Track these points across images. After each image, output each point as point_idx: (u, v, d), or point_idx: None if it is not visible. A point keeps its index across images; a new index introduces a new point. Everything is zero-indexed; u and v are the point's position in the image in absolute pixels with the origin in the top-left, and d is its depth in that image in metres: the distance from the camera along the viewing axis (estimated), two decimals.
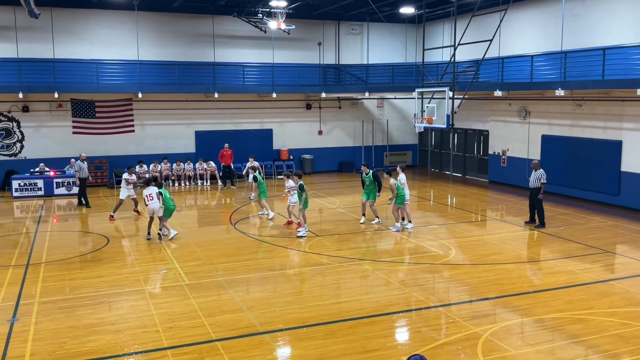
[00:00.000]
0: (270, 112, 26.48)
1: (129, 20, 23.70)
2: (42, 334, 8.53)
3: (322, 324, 8.88)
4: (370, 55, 27.68)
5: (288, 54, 26.18)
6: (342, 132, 27.99)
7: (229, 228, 16.02)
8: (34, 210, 18.81)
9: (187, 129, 25.20)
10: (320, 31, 27.00)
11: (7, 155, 22.85)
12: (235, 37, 25.51)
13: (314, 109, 27.37)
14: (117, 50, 23.66)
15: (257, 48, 25.76)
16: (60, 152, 22.94)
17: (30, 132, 23.02)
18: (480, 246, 13.76)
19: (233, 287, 10.70)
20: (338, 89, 26.90)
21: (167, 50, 24.40)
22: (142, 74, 23.35)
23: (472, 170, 25.75)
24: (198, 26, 24.96)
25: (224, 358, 7.69)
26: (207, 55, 25.00)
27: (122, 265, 12.29)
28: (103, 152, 23.76)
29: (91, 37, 23.40)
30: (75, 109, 22.89)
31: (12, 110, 22.76)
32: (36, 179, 21.16)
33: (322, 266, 12.09)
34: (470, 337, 8.35)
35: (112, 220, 16.80)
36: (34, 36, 22.45)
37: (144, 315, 9.30)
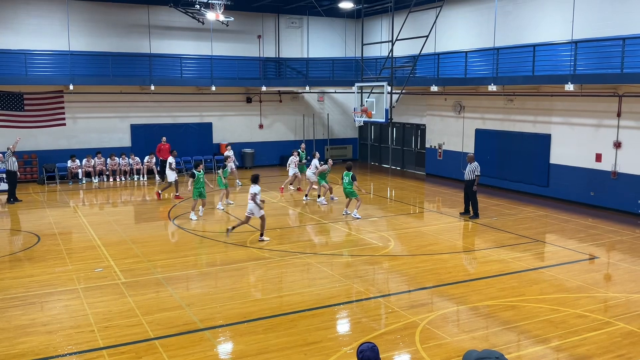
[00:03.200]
0: (209, 106, 26.07)
1: (59, 9, 22.69)
2: None
3: (264, 319, 8.87)
4: (310, 49, 27.71)
5: (227, 47, 25.83)
6: (283, 126, 27.93)
7: (167, 224, 15.71)
8: None
9: (122, 122, 24.45)
10: (260, 24, 26.79)
11: None
12: (172, 28, 24.93)
13: (255, 103, 27.15)
14: (47, 40, 22.62)
15: (195, 40, 25.27)
16: None
17: None
18: (417, 237, 14.09)
19: (172, 284, 10.50)
20: (278, 82, 26.80)
21: (100, 40, 23.54)
22: (74, 65, 22.43)
23: (410, 164, 26.30)
24: (133, 16, 24.21)
25: (163, 356, 7.55)
26: (142, 46, 24.30)
27: (54, 264, 11.82)
28: (33, 147, 22.70)
29: (19, 27, 22.27)
30: (2, 102, 21.77)
31: None
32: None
33: (263, 260, 12.05)
34: (408, 326, 8.55)
35: (159, 198, 18.75)
36: None
37: (78, 315, 8.99)
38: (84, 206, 18.41)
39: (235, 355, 7.74)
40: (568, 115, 18.27)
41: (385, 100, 18.41)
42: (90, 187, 21.74)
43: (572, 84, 16.25)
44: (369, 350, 4.00)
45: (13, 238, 14.22)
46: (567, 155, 18.30)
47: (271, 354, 7.67)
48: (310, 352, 7.71)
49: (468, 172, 16.05)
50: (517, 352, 7.76)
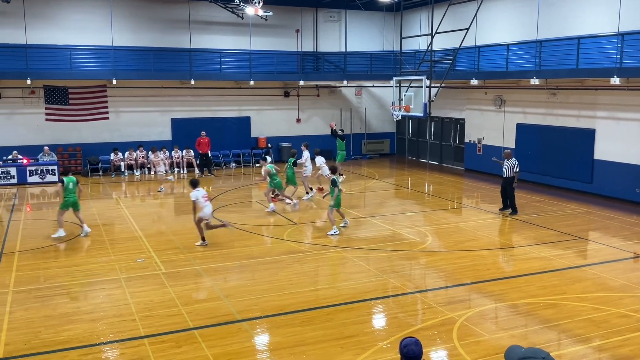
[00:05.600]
0: (247, 100, 26.30)
1: (103, 5, 23.25)
2: (16, 324, 8.43)
3: (300, 311, 8.93)
4: (348, 43, 27.62)
5: (266, 41, 25.99)
6: (321, 120, 27.96)
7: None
8: (7, 199, 18.47)
9: (163, 116, 24.91)
10: (298, 18, 26.83)
11: None
12: (212, 23, 25.22)
13: (292, 97, 27.27)
14: (91, 36, 23.21)
15: (234, 34, 25.51)
16: (34, 140, 22.50)
17: (2, 120, 22.53)
18: (456, 233, 13.93)
19: (211, 276, 10.67)
20: (316, 76, 26.82)
21: (142, 36, 24.02)
22: (117, 60, 22.96)
23: (448, 159, 25.98)
24: (174, 12, 24.60)
25: (202, 346, 7.69)
26: (183, 41, 24.67)
27: (97, 254, 12.16)
28: (77, 140, 23.38)
29: (64, 23, 22.91)
30: (48, 96, 22.41)
31: None
32: (9, 167, 20.75)
33: (300, 254, 12.12)
34: (445, 323, 8.48)
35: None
36: (5, 21, 21.90)
37: (120, 304, 9.23)
38: (126, 198, 18.85)
39: (273, 346, 7.83)
40: (613, 110, 17.72)
41: (424, 94, 18.23)
42: (132, 179, 22.25)
43: (618, 77, 15.76)
44: (413, 345, 3.99)
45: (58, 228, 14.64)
46: (612, 150, 17.77)
47: (307, 346, 7.72)
48: (346, 346, 7.73)
49: (506, 169, 15.72)
50: (557, 351, 7.60)
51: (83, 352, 7.55)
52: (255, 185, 20.53)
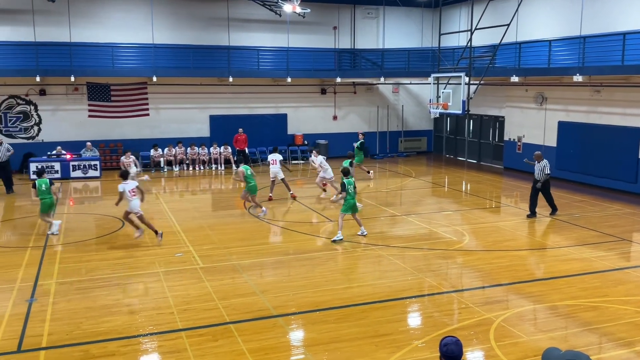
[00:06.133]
0: (285, 97, 26.43)
1: (144, 3, 23.72)
2: (59, 314, 8.68)
3: (335, 308, 8.94)
4: (386, 39, 27.44)
5: (303, 38, 26.05)
6: (357, 118, 27.89)
7: (243, 212, 16.10)
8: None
9: (201, 113, 25.26)
10: (336, 15, 26.81)
11: (25, 138, 23.11)
12: (250, 21, 25.42)
13: (329, 94, 27.27)
14: (133, 34, 23.71)
15: (272, 32, 25.65)
16: (77, 136, 23.14)
17: (47, 116, 23.25)
18: (493, 232, 13.70)
19: (247, 271, 10.78)
20: (353, 73, 26.76)
21: (181, 33, 24.40)
22: (157, 58, 23.39)
23: (487, 157, 25.56)
24: (213, 9, 24.90)
25: (238, 340, 7.78)
26: (221, 39, 24.96)
27: (137, 247, 12.42)
28: (118, 136, 23.93)
29: (107, 21, 23.47)
30: (91, 93, 23.02)
31: (29, 94, 22.98)
32: (53, 162, 21.39)
33: (335, 251, 12.13)
34: (482, 323, 8.35)
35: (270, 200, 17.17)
36: (50, 20, 22.56)
37: (159, 298, 9.41)
38: (165, 193, 19.19)
39: (308, 343, 7.86)
40: None
41: (462, 91, 17.97)
42: (171, 175, 22.65)
43: None
44: (454, 344, 3.96)
45: (100, 222, 15.03)
46: None
47: (342, 343, 7.72)
48: (381, 344, 7.70)
49: (538, 171, 14.86)
50: (598, 355, 7.41)
51: (122, 343, 7.73)
52: (292, 183, 20.60)
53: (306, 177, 22.33)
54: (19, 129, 23.03)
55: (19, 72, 21.74)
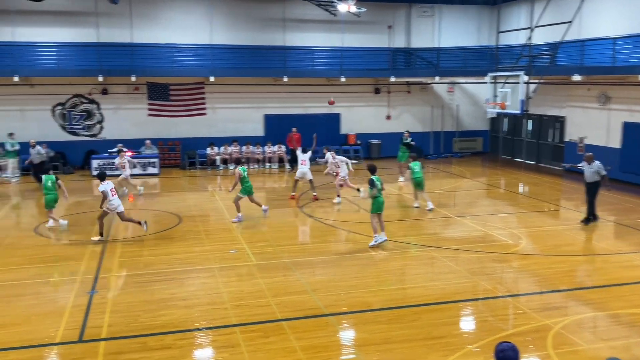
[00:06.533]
0: (338, 96, 26.38)
1: (203, 5, 24.27)
2: (118, 307, 8.99)
3: (387, 309, 8.88)
4: (441, 38, 27.03)
5: (357, 38, 26.00)
6: (411, 117, 27.60)
7: (296, 211, 16.22)
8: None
9: (256, 112, 25.61)
10: (391, 14, 26.63)
11: (87, 135, 24.07)
12: (305, 21, 25.58)
13: (383, 94, 27.12)
14: (192, 35, 24.29)
15: (326, 32, 25.73)
16: (137, 134, 23.89)
17: (109, 114, 24.12)
18: (552, 236, 13.27)
19: (298, 269, 10.85)
20: (407, 73, 26.51)
21: (238, 34, 24.81)
22: (215, 58, 23.88)
23: (546, 158, 24.77)
24: (269, 10, 25.21)
25: (289, 337, 7.84)
26: (277, 39, 25.22)
27: (193, 243, 12.72)
28: (176, 134, 24.56)
29: (167, 22, 24.13)
30: (151, 92, 23.70)
31: (92, 93, 23.90)
32: (114, 159, 22.14)
33: (387, 251, 12.05)
34: (539, 329, 8.11)
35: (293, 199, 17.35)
36: (113, 21, 23.39)
37: (213, 293, 9.61)
38: (221, 191, 19.54)
39: (359, 342, 7.84)
40: None
41: (521, 91, 17.51)
42: (226, 173, 23.06)
43: None
44: (511, 350, 3.87)
45: (158, 218, 15.46)
46: None
47: (394, 344, 7.67)
48: (433, 347, 7.60)
49: (591, 174, 14.02)
50: None
51: (178, 336, 7.93)
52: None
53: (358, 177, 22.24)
54: (82, 127, 23.99)
55: (82, 72, 22.65)
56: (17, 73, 21.78)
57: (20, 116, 23.17)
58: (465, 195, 18.75)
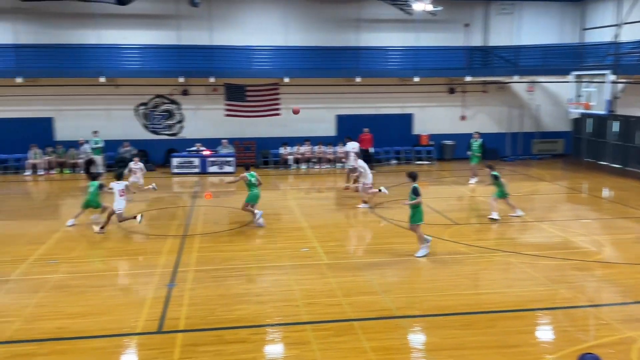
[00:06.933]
0: (411, 97, 26.17)
1: (278, 7, 24.71)
2: (196, 300, 9.30)
3: (460, 314, 8.70)
4: (521, 36, 26.13)
5: (432, 37, 25.60)
6: (487, 118, 26.88)
7: (366, 211, 16.18)
8: (190, 186, 20.46)
9: (329, 112, 25.77)
10: (468, 12, 26.04)
11: (168, 134, 25.07)
12: (379, 21, 25.47)
13: (457, 93, 26.57)
14: (267, 37, 24.76)
15: (400, 31, 25.50)
16: (214, 133, 24.62)
17: (189, 114, 25.03)
18: (638, 245, 12.53)
19: (369, 270, 10.82)
20: (484, 72, 25.82)
21: (312, 35, 25.05)
22: (289, 59, 24.24)
23: (633, 162, 23.40)
24: (343, 11, 25.29)
25: (360, 338, 7.84)
26: (350, 39, 25.26)
27: (266, 241, 12.98)
28: (252, 134, 25.12)
29: (244, 25, 24.73)
30: (228, 93, 24.35)
31: (173, 94, 24.86)
32: (193, 158, 22.97)
33: (461, 255, 11.80)
34: (623, 342, 7.69)
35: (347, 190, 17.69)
36: (193, 24, 24.23)
37: (286, 290, 9.75)
38: (293, 190, 19.81)
39: (431, 347, 7.73)
40: None
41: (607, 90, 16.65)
42: (298, 172, 23.35)
43: None
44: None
45: (233, 216, 15.86)
46: None
47: (467, 350, 7.50)
48: (509, 355, 7.38)
49: None
50: None
51: (252, 331, 8.11)
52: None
53: (432, 178, 21.96)
54: (163, 126, 25.01)
55: (164, 74, 23.61)
56: (103, 74, 23.00)
57: (106, 115, 24.44)
58: (544, 200, 18.06)
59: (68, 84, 23.54)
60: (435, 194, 18.29)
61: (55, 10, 23.07)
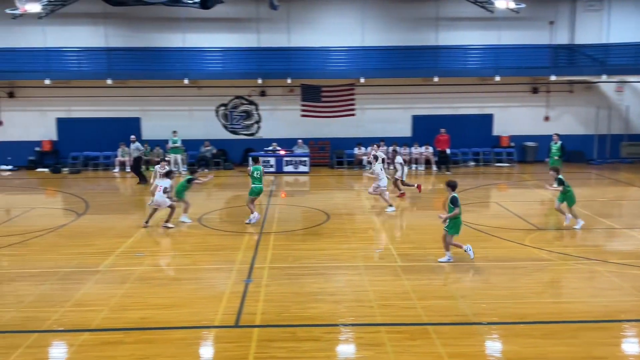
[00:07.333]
0: (491, 97, 25.46)
1: (355, 8, 24.74)
2: (271, 296, 9.47)
3: (541, 323, 8.36)
4: (610, 33, 24.80)
5: (514, 35, 24.82)
6: (572, 119, 25.72)
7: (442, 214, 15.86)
8: (266, 185, 20.84)
9: (404, 113, 25.54)
10: (553, 9, 25.03)
11: (246, 134, 25.72)
12: (459, 19, 24.96)
13: (541, 93, 25.58)
14: (344, 37, 24.86)
15: (481, 29, 24.90)
16: (290, 134, 25.01)
17: (266, 115, 25.58)
18: None
19: (444, 274, 10.62)
20: (570, 71, 24.74)
21: (390, 35, 24.91)
22: (365, 60, 24.21)
23: None
24: (421, 10, 24.99)
25: (435, 343, 7.70)
26: (428, 38, 24.93)
27: (340, 240, 13.01)
28: (326, 135, 25.31)
29: (322, 26, 24.97)
30: (304, 94, 24.66)
31: (251, 95, 25.46)
32: (269, 157, 23.42)
33: (542, 262, 11.34)
34: None
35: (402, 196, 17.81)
36: (272, 27, 24.72)
37: (360, 290, 9.74)
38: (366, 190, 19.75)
39: (510, 355, 7.46)
40: None
41: None
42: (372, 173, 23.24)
43: None
44: None
45: (307, 214, 16.03)
46: None
47: None
48: None
49: None
50: None
51: (326, 330, 8.16)
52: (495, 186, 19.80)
53: (512, 181, 21.27)
54: (242, 127, 25.67)
55: (243, 75, 24.24)
56: (187, 76, 23.91)
57: (188, 115, 25.39)
58: (634, 206, 17.05)
59: (154, 86, 24.66)
60: (516, 198, 17.72)
61: (143, 14, 24.22)
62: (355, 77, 24.18)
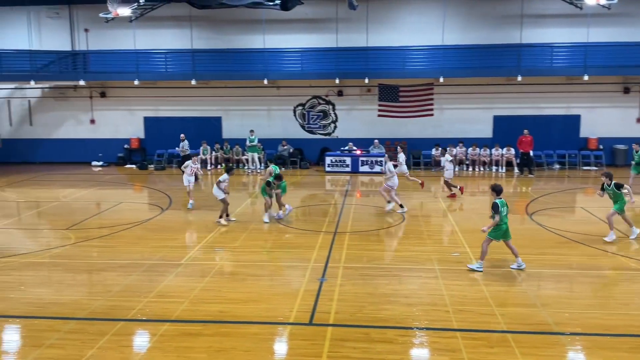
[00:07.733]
0: (578, 97, 24.29)
1: (436, 6, 24.33)
2: (345, 296, 9.49)
3: (630, 336, 7.89)
4: None
5: (605, 32, 23.53)
6: None
7: (524, 218, 15.33)
8: (341, 185, 20.94)
9: (485, 113, 24.84)
10: None
11: (322, 134, 25.92)
12: (545, 16, 23.99)
13: (633, 93, 24.12)
14: (423, 37, 24.53)
15: (569, 27, 23.79)
16: (366, 133, 24.96)
17: (342, 115, 25.66)
18: None
19: (525, 281, 10.24)
20: None
21: (471, 33, 24.32)
22: (445, 59, 23.76)
23: None
24: (506, 7, 24.22)
25: (514, 351, 7.45)
26: (512, 37, 24.12)
27: (415, 242, 12.85)
28: (403, 135, 25.05)
29: (401, 26, 24.74)
30: (382, 94, 24.53)
31: (329, 95, 25.63)
32: (345, 157, 23.49)
33: (631, 271, 10.70)
34: None
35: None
36: (351, 27, 24.76)
37: (435, 294, 9.57)
38: (444, 192, 19.39)
39: None
40: None
41: None
42: None
43: None
44: None
45: (382, 215, 15.90)
46: None
47: None
48: None
49: None
50: None
51: (400, 332, 8.09)
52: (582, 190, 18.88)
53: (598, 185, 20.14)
54: (319, 126, 25.89)
55: (321, 75, 24.44)
56: (266, 76, 24.42)
57: (267, 115, 25.91)
58: None
59: (235, 86, 25.37)
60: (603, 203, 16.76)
61: (226, 17, 24.96)
62: (434, 76, 23.78)
